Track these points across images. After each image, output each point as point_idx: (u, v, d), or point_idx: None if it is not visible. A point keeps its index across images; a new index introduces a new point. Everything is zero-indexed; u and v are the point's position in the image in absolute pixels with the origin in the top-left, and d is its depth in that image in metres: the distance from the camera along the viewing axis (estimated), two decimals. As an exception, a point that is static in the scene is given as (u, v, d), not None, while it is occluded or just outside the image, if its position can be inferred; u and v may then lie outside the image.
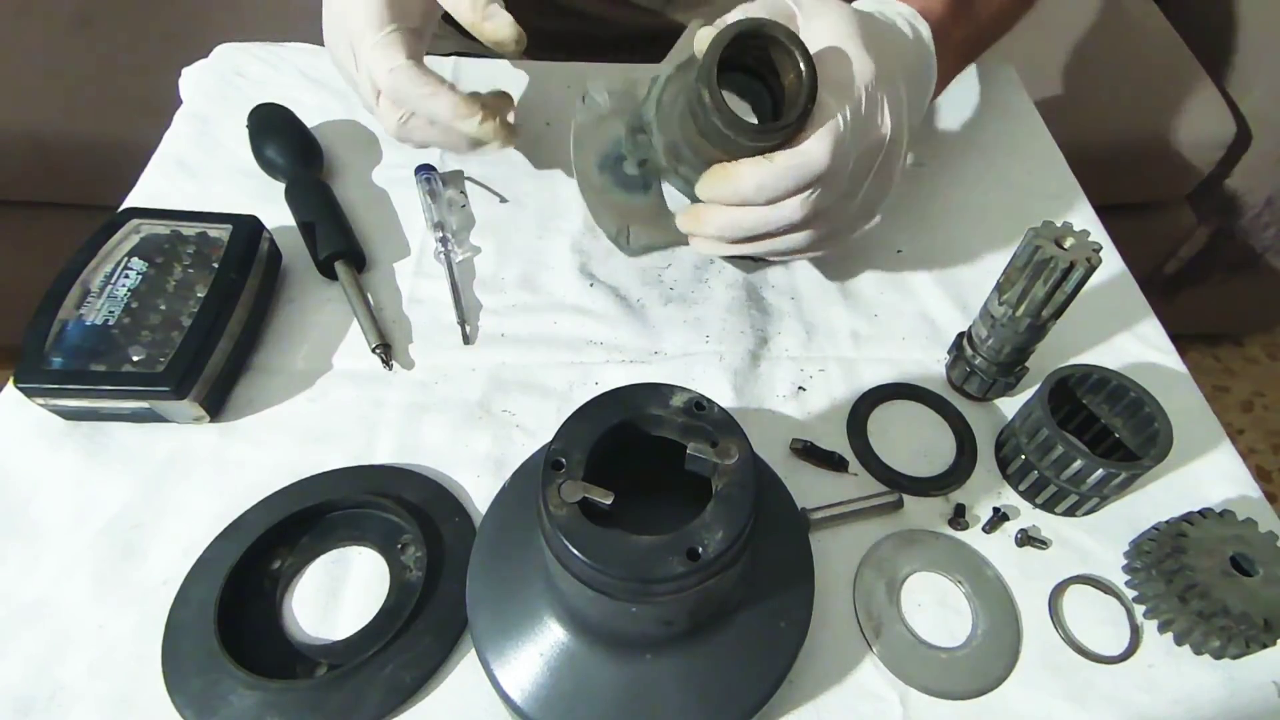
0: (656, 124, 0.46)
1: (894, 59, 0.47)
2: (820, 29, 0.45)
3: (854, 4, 0.54)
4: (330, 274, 0.57)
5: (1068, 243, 0.45)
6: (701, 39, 0.43)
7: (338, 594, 0.44)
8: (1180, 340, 0.57)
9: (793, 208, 0.45)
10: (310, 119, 0.66)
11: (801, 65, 0.42)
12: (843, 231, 0.51)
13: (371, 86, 0.47)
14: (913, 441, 0.52)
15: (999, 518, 0.48)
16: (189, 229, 0.54)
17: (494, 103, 0.50)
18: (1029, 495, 0.50)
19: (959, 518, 0.48)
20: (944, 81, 0.57)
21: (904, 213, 0.66)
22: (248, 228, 0.54)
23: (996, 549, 0.48)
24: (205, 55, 0.75)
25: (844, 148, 0.43)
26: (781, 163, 0.43)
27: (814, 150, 0.43)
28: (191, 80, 0.73)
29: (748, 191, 0.43)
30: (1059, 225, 0.46)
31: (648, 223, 0.50)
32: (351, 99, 0.71)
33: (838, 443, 0.52)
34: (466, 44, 0.59)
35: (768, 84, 0.45)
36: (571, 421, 0.36)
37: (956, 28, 0.56)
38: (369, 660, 0.40)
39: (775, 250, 0.49)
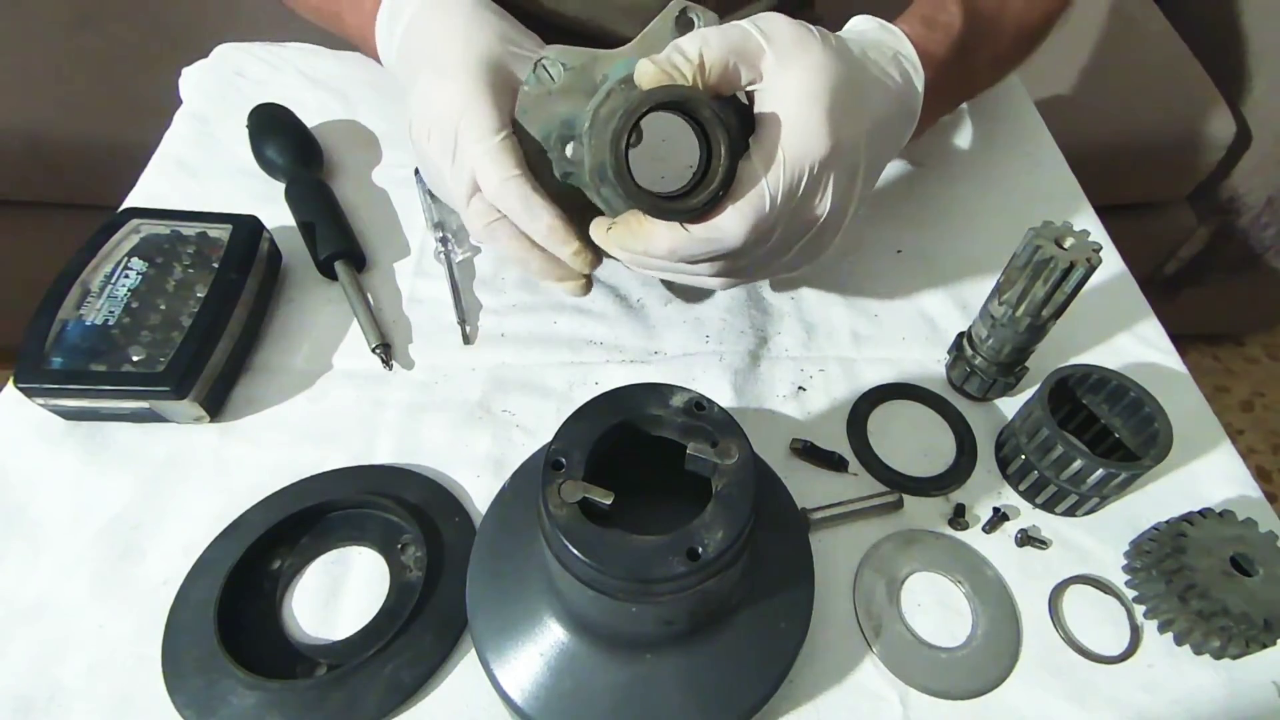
0: (588, 139, 0.42)
1: (862, 122, 0.44)
2: (786, 84, 0.41)
3: (857, 27, 0.52)
4: (330, 274, 0.57)
5: (1068, 243, 0.45)
6: (642, 74, 0.40)
7: (338, 594, 0.44)
8: (1180, 340, 0.57)
9: (703, 268, 0.45)
10: (310, 119, 0.66)
11: (722, 150, 0.39)
12: (758, 278, 0.51)
13: (468, 187, 0.44)
14: (913, 441, 0.52)
15: (999, 518, 0.48)
16: (189, 229, 0.54)
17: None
18: (1029, 495, 0.50)
19: (959, 518, 0.48)
20: (922, 130, 0.54)
21: (904, 213, 0.66)
22: (248, 228, 0.54)
23: (996, 549, 0.48)
24: (205, 55, 0.75)
25: (765, 226, 0.42)
26: (697, 234, 0.41)
27: (729, 229, 0.41)
28: (191, 80, 0.73)
29: (660, 253, 0.42)
30: (1059, 225, 0.46)
31: (577, 215, 0.46)
32: (352, 99, 0.71)
33: (838, 443, 0.52)
34: None
35: (703, 130, 0.41)
36: (571, 421, 0.36)
37: (949, 77, 0.53)
38: (369, 660, 0.40)
39: (684, 283, 0.49)
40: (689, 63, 0.40)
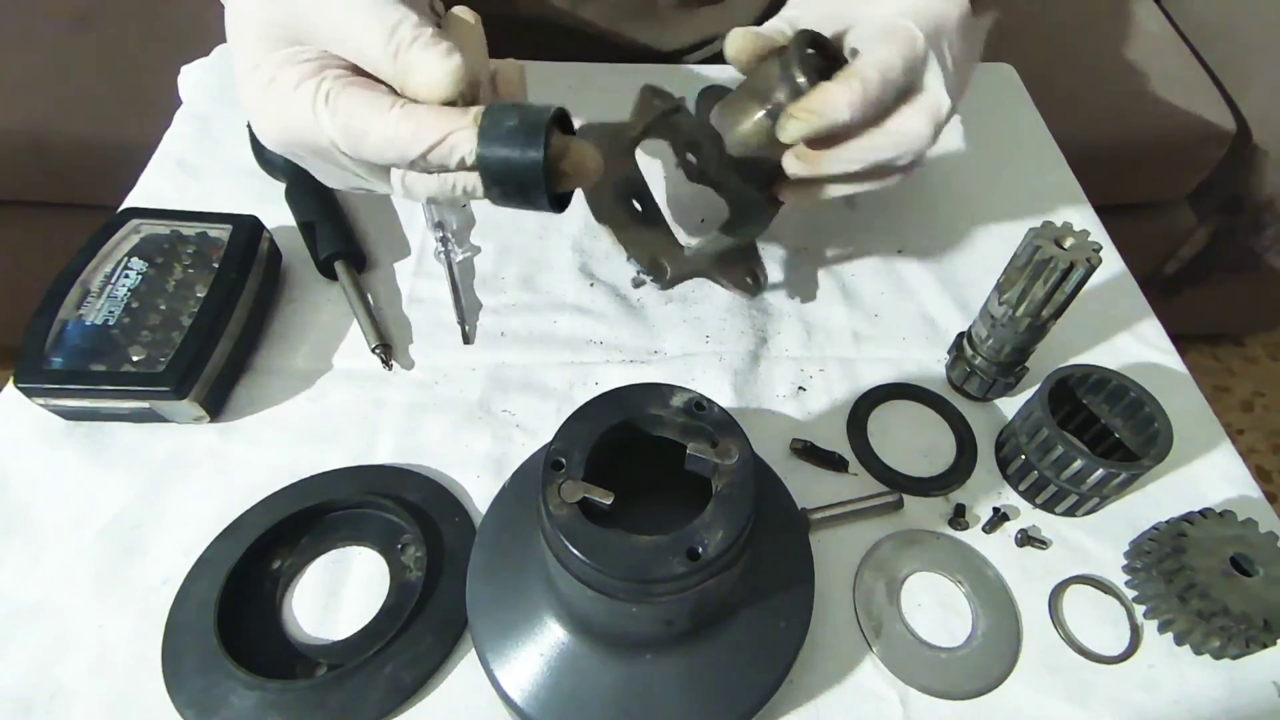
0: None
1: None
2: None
3: None
4: (330, 274, 0.57)
5: (1068, 243, 0.45)
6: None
7: (338, 594, 0.44)
8: (1180, 340, 0.57)
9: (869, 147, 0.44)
10: (310, 119, 0.66)
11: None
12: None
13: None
14: (913, 441, 0.52)
15: (999, 518, 0.48)
16: (189, 229, 0.54)
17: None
18: (1029, 495, 0.50)
19: (959, 518, 0.48)
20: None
21: (904, 213, 0.66)
22: (248, 228, 0.54)
23: (996, 549, 0.48)
24: (205, 55, 0.75)
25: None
26: (867, 76, 0.41)
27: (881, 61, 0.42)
28: (191, 79, 0.73)
29: (842, 114, 0.41)
30: (1059, 225, 0.46)
31: (667, 255, 0.51)
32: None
33: (838, 443, 0.52)
34: None
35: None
36: (571, 421, 0.36)
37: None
38: (369, 660, 0.40)
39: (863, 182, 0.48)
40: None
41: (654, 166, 0.66)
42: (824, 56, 0.44)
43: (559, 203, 0.38)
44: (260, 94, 0.36)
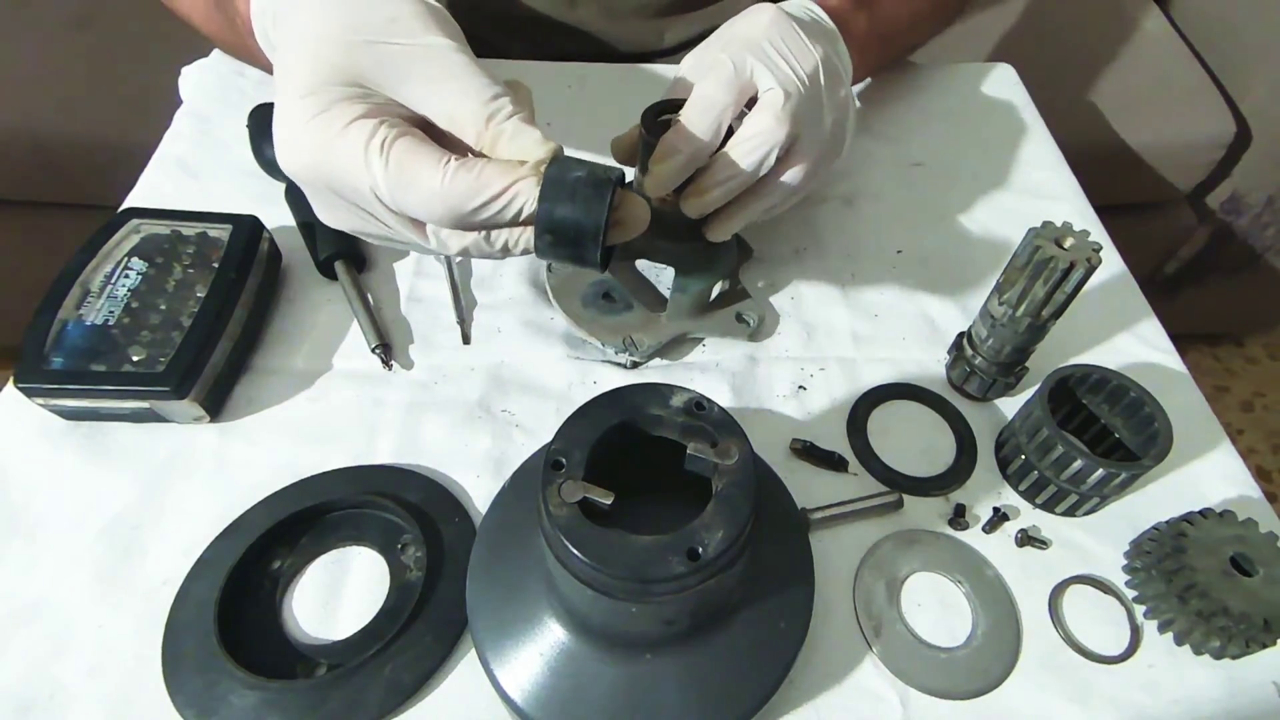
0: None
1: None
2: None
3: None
4: (330, 274, 0.57)
5: (1068, 243, 0.45)
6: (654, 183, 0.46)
7: (338, 594, 0.44)
8: (1180, 340, 0.57)
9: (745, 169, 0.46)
10: (310, 119, 0.66)
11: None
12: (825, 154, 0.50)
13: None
14: (913, 441, 0.52)
15: (999, 518, 0.48)
16: (189, 229, 0.54)
17: None
18: (1029, 495, 0.50)
19: (959, 518, 0.48)
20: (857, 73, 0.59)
21: (904, 213, 0.66)
22: (248, 228, 0.54)
23: (996, 549, 0.48)
24: (205, 55, 0.75)
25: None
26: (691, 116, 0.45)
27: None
28: (191, 79, 0.73)
29: (683, 156, 0.45)
30: (1059, 225, 0.46)
31: (642, 331, 0.55)
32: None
33: (838, 443, 0.52)
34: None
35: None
36: (571, 421, 0.36)
37: (858, 19, 0.58)
38: (369, 660, 0.40)
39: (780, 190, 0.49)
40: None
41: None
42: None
43: (606, 258, 0.38)
44: (303, 122, 0.36)
